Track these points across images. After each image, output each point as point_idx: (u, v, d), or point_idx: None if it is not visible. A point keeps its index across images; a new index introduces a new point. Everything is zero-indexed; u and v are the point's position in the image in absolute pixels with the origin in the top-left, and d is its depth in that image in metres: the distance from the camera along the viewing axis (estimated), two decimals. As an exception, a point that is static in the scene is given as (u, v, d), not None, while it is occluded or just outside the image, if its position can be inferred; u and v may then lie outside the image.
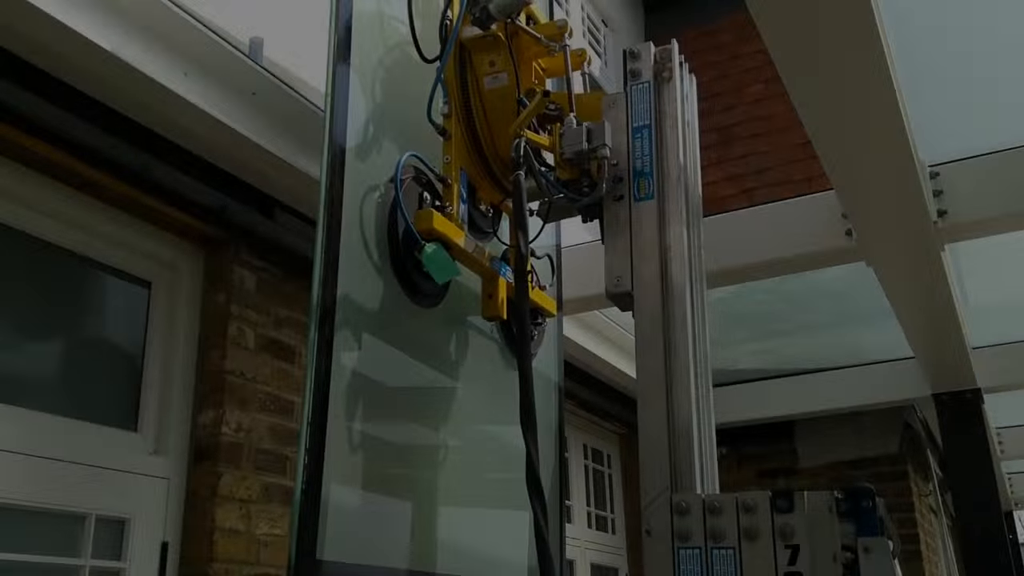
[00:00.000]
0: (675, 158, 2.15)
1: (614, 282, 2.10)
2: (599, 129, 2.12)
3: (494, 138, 2.34)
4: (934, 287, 3.47)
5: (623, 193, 2.15)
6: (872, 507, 1.90)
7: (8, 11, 2.06)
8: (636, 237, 2.11)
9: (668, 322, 2.03)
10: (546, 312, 2.60)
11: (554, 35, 2.29)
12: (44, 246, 2.47)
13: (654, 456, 1.94)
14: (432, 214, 2.09)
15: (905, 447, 6.02)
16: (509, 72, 2.27)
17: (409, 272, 2.11)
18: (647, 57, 2.24)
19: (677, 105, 2.21)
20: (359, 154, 2.04)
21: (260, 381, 2.83)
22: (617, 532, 5.83)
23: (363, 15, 2.14)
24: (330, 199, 1.90)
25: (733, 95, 7.21)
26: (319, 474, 1.77)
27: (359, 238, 2.01)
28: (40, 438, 2.31)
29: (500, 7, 2.20)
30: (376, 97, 2.15)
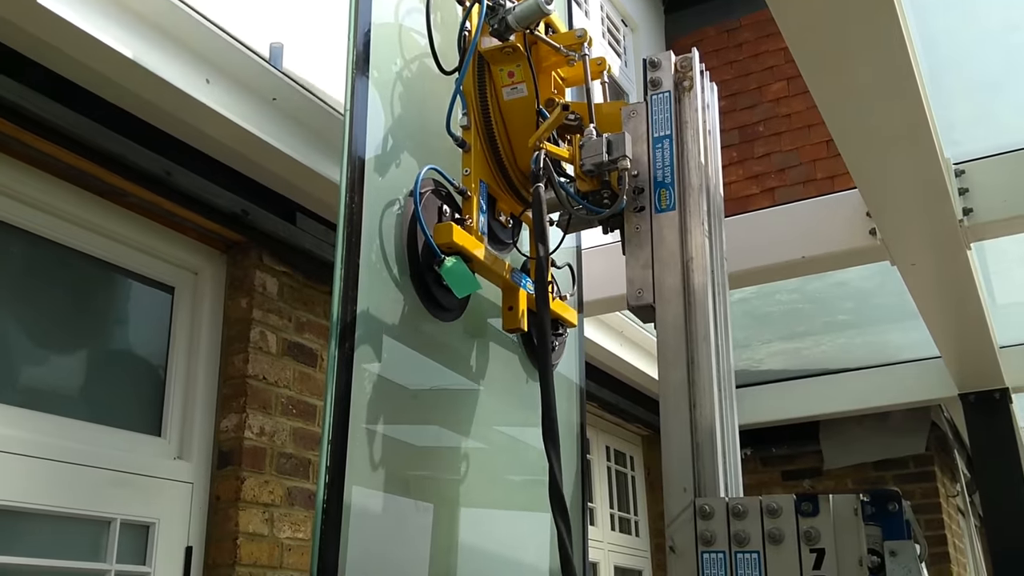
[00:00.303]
0: (696, 168, 2.13)
1: (636, 294, 2.08)
2: (619, 140, 2.11)
3: (513, 149, 2.32)
4: (960, 286, 3.43)
5: (644, 204, 2.13)
6: (899, 510, 1.88)
7: (33, 23, 2.08)
8: (657, 248, 2.09)
9: (691, 335, 2.01)
10: (567, 323, 2.58)
11: (573, 44, 2.27)
12: (68, 252, 2.49)
13: (678, 471, 1.91)
14: (452, 227, 2.07)
15: (932, 447, 5.96)
16: (528, 83, 2.25)
17: (429, 286, 2.10)
18: (668, 66, 2.22)
19: (698, 114, 2.19)
20: (378, 168, 2.03)
21: (282, 385, 2.84)
22: (641, 535, 5.81)
23: (381, 28, 2.12)
24: (349, 214, 1.89)
25: (755, 93, 7.16)
26: (340, 494, 1.76)
27: (379, 253, 2.00)
28: (64, 443, 2.33)
29: (519, 18, 2.19)
30: (395, 110, 2.14)
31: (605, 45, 6.56)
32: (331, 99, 2.76)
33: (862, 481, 5.98)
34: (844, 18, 2.06)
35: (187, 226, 2.75)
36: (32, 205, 2.39)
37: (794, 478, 6.23)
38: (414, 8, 2.25)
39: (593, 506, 5.25)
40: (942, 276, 3.37)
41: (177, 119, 2.47)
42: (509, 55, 2.23)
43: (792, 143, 6.93)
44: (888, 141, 2.54)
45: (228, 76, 2.50)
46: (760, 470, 6.30)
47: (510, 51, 2.22)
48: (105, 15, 2.18)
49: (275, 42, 2.75)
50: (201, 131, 2.53)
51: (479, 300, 2.34)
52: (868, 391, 5.57)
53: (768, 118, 7.07)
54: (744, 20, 7.31)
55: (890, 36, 2.11)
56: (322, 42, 3.00)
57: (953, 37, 3.06)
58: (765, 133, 7.05)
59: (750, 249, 3.44)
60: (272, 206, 2.87)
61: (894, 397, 5.53)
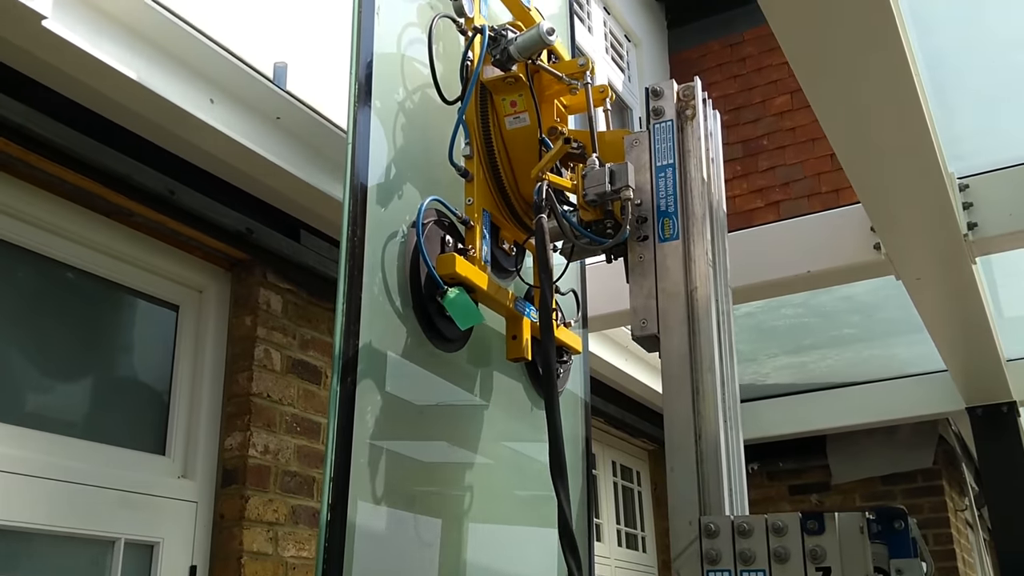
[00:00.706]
0: (700, 197, 2.12)
1: (640, 324, 2.07)
2: (622, 170, 2.09)
3: (516, 177, 2.31)
4: (966, 300, 3.42)
5: (647, 234, 2.12)
6: (905, 528, 1.87)
7: (39, 46, 2.10)
8: (661, 278, 2.07)
9: (695, 365, 1.99)
10: (571, 350, 2.57)
11: (575, 73, 2.26)
12: (73, 272, 2.50)
13: (684, 503, 1.90)
14: (454, 258, 2.06)
15: (940, 461, 5.93)
16: (531, 112, 2.24)
17: (432, 317, 2.09)
18: (670, 95, 2.20)
19: (701, 142, 2.17)
20: (380, 199, 2.02)
21: (287, 403, 2.84)
22: (648, 550, 5.78)
23: (383, 58, 2.11)
24: (351, 247, 1.87)
25: (758, 107, 7.17)
26: (342, 534, 1.75)
27: (381, 285, 1.99)
28: (68, 463, 2.33)
29: (521, 48, 2.18)
30: (397, 140, 2.13)
31: (608, 61, 6.59)
32: (335, 118, 2.77)
33: (870, 495, 5.95)
34: (845, 34, 2.07)
35: (191, 245, 2.75)
36: (37, 225, 2.40)
37: (801, 493, 6.20)
38: (416, 39, 2.24)
39: (599, 522, 5.23)
40: (947, 290, 3.36)
41: (181, 139, 2.49)
42: (511, 85, 2.23)
43: (796, 156, 6.93)
44: (891, 156, 2.53)
45: (232, 96, 2.51)
46: (767, 485, 6.28)
47: (512, 81, 2.21)
48: (109, 37, 2.19)
49: (279, 61, 2.76)
50: (205, 150, 2.54)
51: (483, 329, 2.32)
52: (875, 405, 5.55)
53: (772, 132, 7.07)
54: (747, 34, 7.33)
55: (891, 52, 2.11)
56: (326, 61, 3.01)
57: (957, 52, 3.06)
58: (769, 147, 7.05)
59: (755, 264, 3.44)
60: (276, 224, 2.88)
61: (901, 411, 5.52)
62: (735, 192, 6.99)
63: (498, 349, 2.40)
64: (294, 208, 2.89)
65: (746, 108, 7.21)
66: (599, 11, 6.58)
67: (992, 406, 4.78)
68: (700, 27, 7.55)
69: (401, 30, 2.21)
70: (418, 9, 2.28)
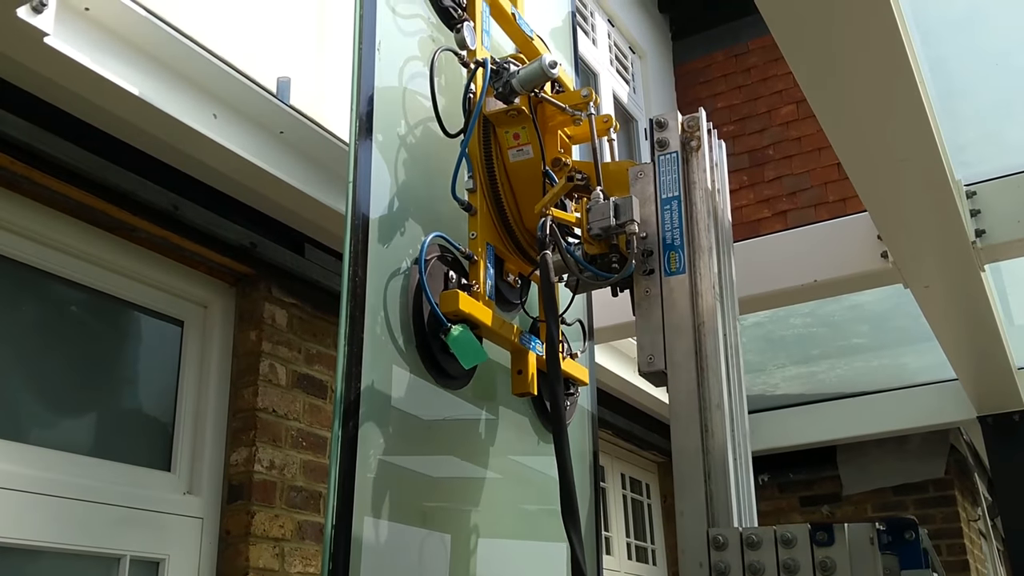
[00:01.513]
0: (706, 230, 2.09)
1: (647, 360, 2.03)
2: (626, 204, 2.07)
3: (520, 210, 2.29)
4: (975, 308, 3.40)
5: (653, 267, 2.08)
6: (915, 539, 1.85)
7: (43, 64, 2.10)
8: (668, 313, 2.04)
9: (704, 402, 1.95)
10: (578, 382, 2.53)
11: (579, 104, 2.23)
12: (77, 288, 2.50)
13: (693, 545, 1.86)
14: (458, 295, 2.03)
15: (952, 471, 5.88)
16: (534, 145, 2.21)
17: (435, 355, 2.05)
18: (674, 126, 2.17)
19: (706, 174, 2.14)
20: (382, 236, 1.98)
21: (292, 418, 2.83)
22: (658, 563, 5.75)
23: (385, 92, 2.08)
24: (353, 287, 1.85)
25: (764, 117, 7.17)
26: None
27: (384, 325, 1.95)
28: (73, 480, 2.33)
29: (523, 81, 2.16)
30: (399, 175, 2.10)
31: (613, 73, 6.59)
32: (338, 131, 2.77)
33: (881, 506, 5.91)
34: (848, 44, 2.06)
35: (196, 260, 2.75)
36: (41, 242, 2.40)
37: (812, 504, 6.16)
38: (418, 73, 2.21)
39: (609, 535, 5.20)
40: (956, 298, 3.34)
41: (185, 154, 2.49)
42: (514, 118, 2.20)
43: (803, 166, 6.92)
44: (896, 164, 2.52)
45: (235, 111, 2.52)
46: (777, 496, 6.23)
47: (515, 114, 2.19)
48: (112, 54, 2.20)
49: (282, 76, 2.77)
50: (209, 165, 2.55)
51: (488, 363, 2.28)
52: (885, 415, 5.52)
53: (778, 141, 7.06)
54: (752, 44, 7.33)
55: (895, 61, 2.10)
56: (329, 75, 3.02)
57: (962, 59, 3.05)
58: (775, 156, 7.04)
59: (762, 273, 3.43)
60: (280, 238, 2.87)
61: (912, 420, 5.48)
62: (742, 202, 6.98)
63: (503, 383, 2.36)
64: (298, 222, 2.89)
65: (752, 118, 7.21)
66: (603, 23, 6.59)
67: (1004, 415, 4.74)
68: (705, 38, 7.56)
69: (403, 64, 2.18)
70: (419, 42, 2.25)
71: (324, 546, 1.71)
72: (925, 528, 1.87)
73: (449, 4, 2.23)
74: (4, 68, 2.12)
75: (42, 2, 1.98)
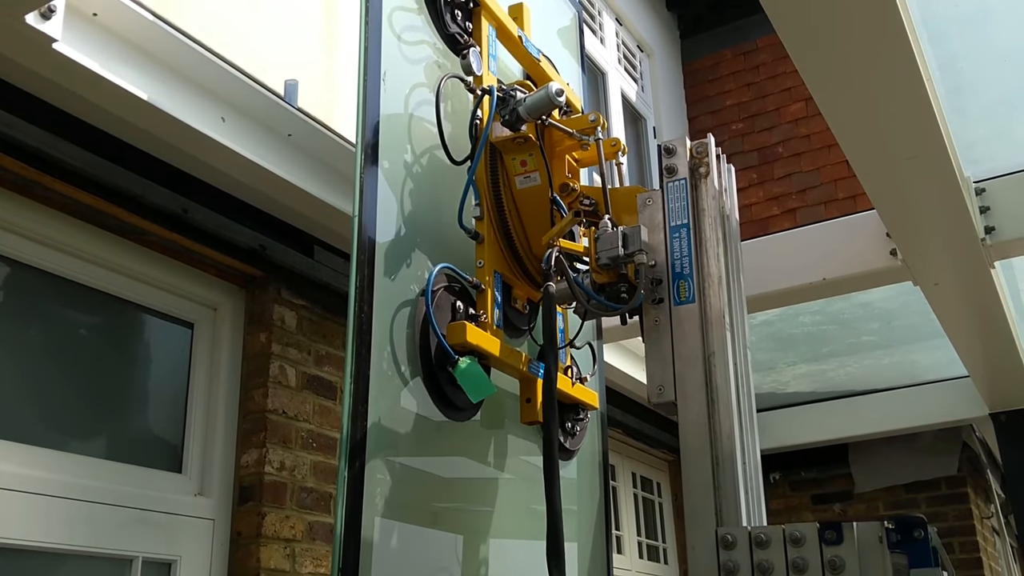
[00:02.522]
0: (715, 258, 2.06)
1: (656, 391, 2.01)
2: (635, 233, 2.04)
3: (528, 236, 2.26)
4: (985, 305, 3.39)
5: (662, 296, 2.06)
6: (925, 537, 1.84)
7: (52, 69, 2.12)
8: (678, 343, 2.01)
9: (715, 433, 1.93)
10: (588, 407, 2.51)
11: (586, 129, 2.21)
12: (88, 291, 2.52)
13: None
14: (465, 327, 2.00)
15: (964, 468, 5.86)
16: (541, 172, 2.19)
17: (443, 387, 2.03)
18: (682, 152, 2.14)
19: (715, 201, 2.12)
20: (388, 269, 1.95)
21: (302, 419, 2.84)
22: (670, 562, 5.75)
23: (391, 120, 2.05)
24: (359, 324, 1.81)
25: (773, 115, 7.15)
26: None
27: (391, 360, 1.92)
28: (85, 482, 2.34)
29: (530, 109, 2.13)
30: (405, 204, 2.07)
31: (621, 71, 6.59)
32: (346, 133, 2.78)
33: (894, 504, 5.89)
34: (855, 42, 2.06)
35: (205, 262, 2.77)
36: (52, 246, 2.41)
37: (824, 502, 6.15)
38: (424, 100, 2.18)
39: (620, 534, 5.20)
40: (966, 295, 3.33)
41: (193, 158, 2.50)
42: (521, 145, 2.18)
43: (812, 163, 6.90)
44: (904, 162, 2.51)
45: (243, 114, 2.53)
46: (789, 494, 6.22)
47: (522, 141, 2.17)
48: (120, 59, 2.22)
49: (289, 79, 2.78)
50: (217, 168, 2.56)
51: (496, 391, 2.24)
52: (896, 412, 5.50)
53: (787, 139, 7.05)
54: (760, 42, 7.32)
55: (903, 58, 2.09)
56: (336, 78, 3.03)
57: (970, 56, 3.04)
58: (785, 154, 7.02)
59: (771, 272, 3.42)
60: (289, 240, 2.89)
61: (923, 418, 5.46)
62: (751, 200, 6.96)
63: (512, 410, 2.32)
64: (307, 224, 2.90)
65: (760, 116, 7.19)
66: (611, 22, 6.58)
67: (1016, 411, 4.72)
68: (713, 36, 7.54)
69: (408, 91, 2.15)
70: (425, 68, 2.22)
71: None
72: (935, 526, 1.87)
73: (455, 30, 2.21)
74: (13, 73, 2.14)
75: (51, 8, 1.99)
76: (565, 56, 2.97)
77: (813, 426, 5.71)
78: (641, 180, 6.69)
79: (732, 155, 7.20)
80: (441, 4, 2.20)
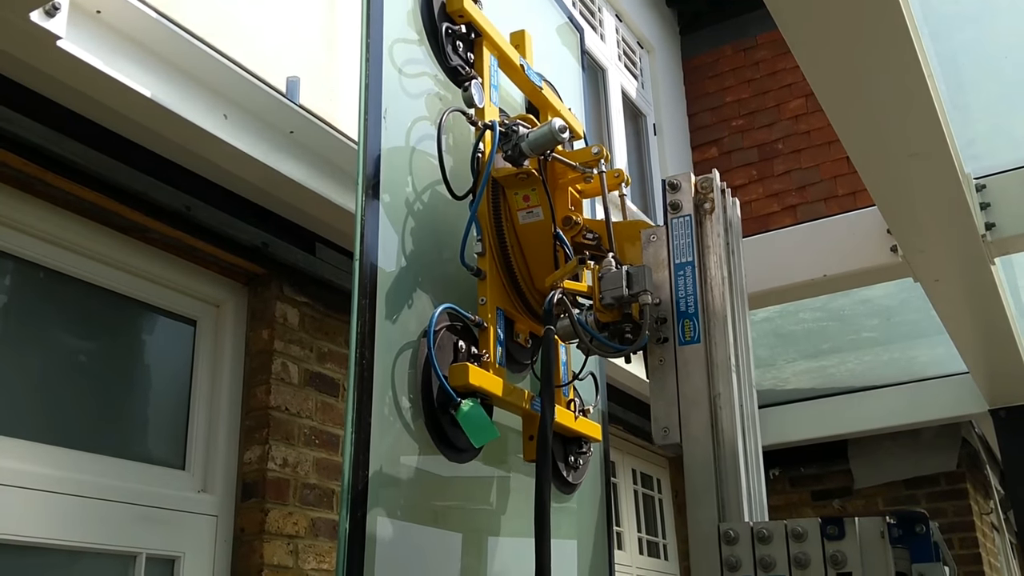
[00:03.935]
0: (721, 297, 2.03)
1: (661, 433, 1.98)
2: (640, 274, 2.02)
3: (530, 271, 2.24)
4: (986, 301, 3.39)
5: (667, 335, 2.03)
6: (926, 532, 1.85)
7: (55, 67, 2.12)
8: (683, 384, 1.98)
9: (721, 476, 1.92)
10: (591, 439, 2.48)
11: (589, 162, 2.19)
12: (91, 288, 2.52)
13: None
14: (467, 369, 1.97)
15: (964, 464, 5.87)
16: (544, 207, 2.18)
17: (444, 429, 1.99)
18: (687, 187, 2.11)
19: (721, 238, 2.09)
20: (390, 311, 1.92)
21: (305, 416, 2.85)
22: (670, 558, 5.76)
23: (392, 154, 2.02)
24: (360, 371, 1.78)
25: (773, 111, 7.15)
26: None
27: (392, 405, 1.89)
28: (89, 478, 2.35)
29: (533, 145, 2.12)
30: (407, 242, 2.03)
31: (622, 68, 6.59)
32: (348, 131, 2.79)
33: (893, 500, 5.91)
34: (856, 38, 2.06)
35: (208, 260, 2.77)
36: (55, 243, 2.42)
37: (824, 498, 6.16)
38: (426, 135, 2.14)
39: (621, 530, 5.21)
40: (967, 292, 3.34)
41: (196, 155, 2.51)
42: (524, 180, 2.16)
43: (812, 160, 6.91)
44: (905, 158, 2.52)
45: (245, 111, 2.53)
46: (789, 490, 6.23)
47: (524, 176, 2.15)
48: (123, 56, 2.22)
49: (291, 76, 2.78)
50: (220, 166, 2.56)
51: (498, 427, 2.18)
52: (896, 408, 5.51)
53: (787, 135, 7.05)
54: (760, 38, 7.32)
55: (904, 55, 2.10)
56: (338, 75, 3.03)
57: (971, 53, 3.04)
58: (785, 151, 7.03)
59: (771, 268, 3.43)
60: (292, 238, 2.89)
61: (923, 414, 5.47)
62: (751, 197, 6.97)
63: (515, 446, 2.29)
64: (309, 221, 2.91)
65: (760, 112, 7.20)
66: (611, 18, 6.59)
67: (1016, 407, 4.73)
68: (713, 32, 7.55)
69: (410, 125, 2.12)
70: (427, 101, 2.19)
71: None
72: (936, 522, 1.88)
73: (457, 63, 2.19)
74: (17, 71, 2.14)
75: (55, 5, 2.00)
76: (564, 55, 2.97)
77: (813, 422, 5.72)
78: (641, 180, 6.69)
79: (732, 151, 7.21)
80: (442, 36, 2.17)
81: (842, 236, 3.37)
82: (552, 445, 2.25)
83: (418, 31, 2.15)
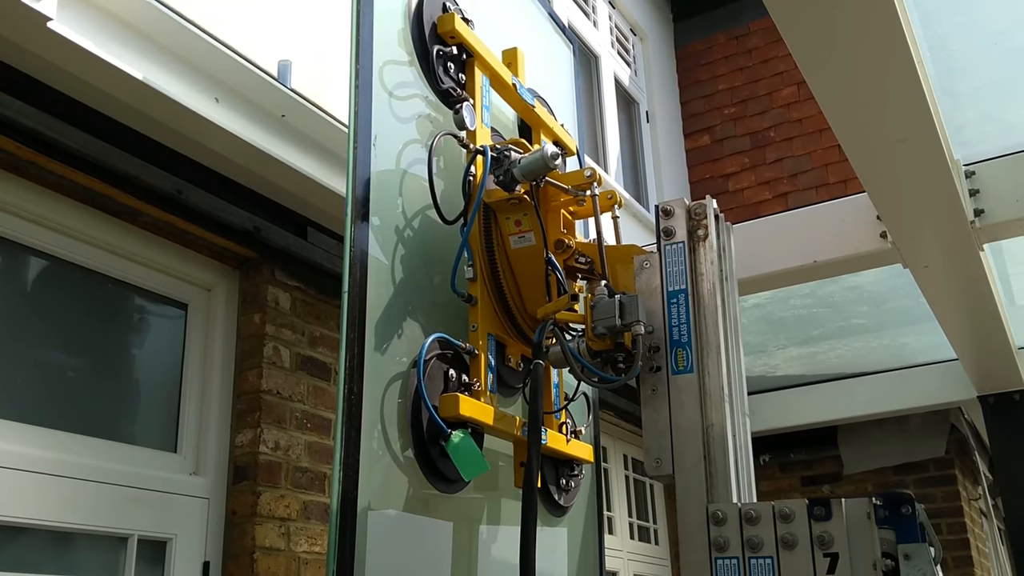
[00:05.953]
0: (714, 325, 2.01)
1: (653, 464, 1.96)
2: (632, 303, 2.00)
3: (522, 295, 2.23)
4: (974, 288, 3.41)
5: (660, 364, 2.00)
6: (912, 513, 1.87)
7: (47, 49, 2.12)
8: (675, 413, 1.96)
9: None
10: (583, 461, 2.47)
11: (582, 184, 2.16)
12: (82, 272, 2.52)
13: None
14: (458, 400, 1.94)
15: (952, 450, 5.91)
16: (536, 232, 2.16)
17: (434, 460, 1.96)
18: (680, 213, 2.09)
19: (714, 265, 2.07)
20: (379, 343, 1.88)
21: (296, 399, 2.85)
22: (660, 543, 5.79)
23: (382, 176, 1.98)
24: (348, 407, 1.75)
25: (765, 99, 7.16)
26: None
27: (381, 439, 1.86)
28: (80, 461, 2.36)
29: (525, 171, 2.09)
30: (397, 270, 2.00)
31: (615, 55, 6.58)
32: (339, 114, 2.79)
33: (882, 485, 5.95)
34: (847, 24, 2.07)
35: (199, 243, 2.77)
36: (47, 226, 2.42)
37: (813, 483, 6.20)
38: (417, 159, 2.10)
39: (611, 515, 5.24)
40: (956, 278, 3.36)
41: (188, 138, 2.51)
42: (515, 205, 2.14)
43: (804, 148, 6.92)
44: (895, 144, 2.53)
45: (237, 94, 2.53)
46: (778, 476, 6.27)
47: (516, 202, 2.13)
48: (115, 38, 2.22)
49: (283, 59, 2.78)
50: (212, 149, 2.56)
51: (489, 453, 2.17)
52: (885, 395, 5.55)
53: (779, 123, 7.06)
54: (753, 26, 7.32)
55: (894, 40, 2.11)
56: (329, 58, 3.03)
57: (961, 40, 3.05)
58: (776, 139, 7.04)
59: (762, 255, 3.44)
60: (283, 222, 2.89)
61: (912, 400, 5.51)
62: (743, 184, 6.98)
63: (507, 473, 2.28)
64: (301, 205, 2.91)
65: (753, 100, 7.21)
66: (604, 5, 6.58)
67: (1004, 394, 4.76)
68: (706, 19, 7.54)
69: (400, 148, 2.08)
70: (417, 123, 2.16)
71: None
72: (923, 505, 1.90)
73: (448, 85, 2.17)
74: (8, 53, 2.14)
75: (45, -13, 1.99)
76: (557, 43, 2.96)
77: (803, 408, 5.75)
78: (634, 167, 6.70)
79: (724, 139, 7.22)
80: (433, 58, 2.14)
81: (832, 222, 3.39)
82: (543, 469, 2.24)
83: (409, 52, 2.11)
